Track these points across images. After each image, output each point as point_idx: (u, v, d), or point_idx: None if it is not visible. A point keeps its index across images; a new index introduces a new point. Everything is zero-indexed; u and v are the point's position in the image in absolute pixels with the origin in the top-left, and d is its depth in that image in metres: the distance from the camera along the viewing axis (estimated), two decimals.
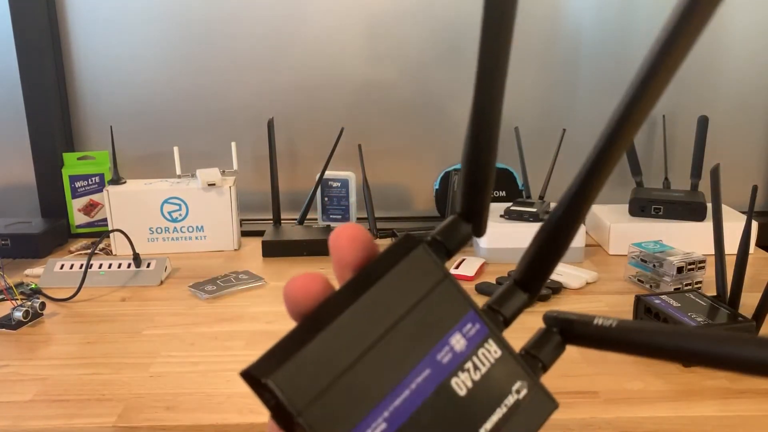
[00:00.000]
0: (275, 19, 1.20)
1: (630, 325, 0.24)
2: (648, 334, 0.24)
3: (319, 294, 0.23)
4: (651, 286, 0.91)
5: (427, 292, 0.23)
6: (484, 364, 0.23)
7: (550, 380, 0.25)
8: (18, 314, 0.80)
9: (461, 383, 0.23)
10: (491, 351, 0.24)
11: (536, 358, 0.25)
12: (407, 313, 0.23)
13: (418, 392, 0.22)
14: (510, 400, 0.23)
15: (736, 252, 0.74)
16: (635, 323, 0.24)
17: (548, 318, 0.27)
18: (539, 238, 0.25)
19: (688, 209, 1.08)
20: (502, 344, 0.24)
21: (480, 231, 0.26)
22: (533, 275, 0.26)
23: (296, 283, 0.23)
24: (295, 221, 1.19)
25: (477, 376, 0.23)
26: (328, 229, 1.14)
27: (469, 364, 0.23)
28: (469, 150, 0.24)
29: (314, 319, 0.23)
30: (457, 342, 0.23)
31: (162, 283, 0.97)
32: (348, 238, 0.24)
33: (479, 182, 0.25)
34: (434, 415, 0.22)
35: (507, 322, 0.26)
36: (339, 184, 1.19)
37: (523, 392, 0.24)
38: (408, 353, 0.22)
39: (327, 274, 0.22)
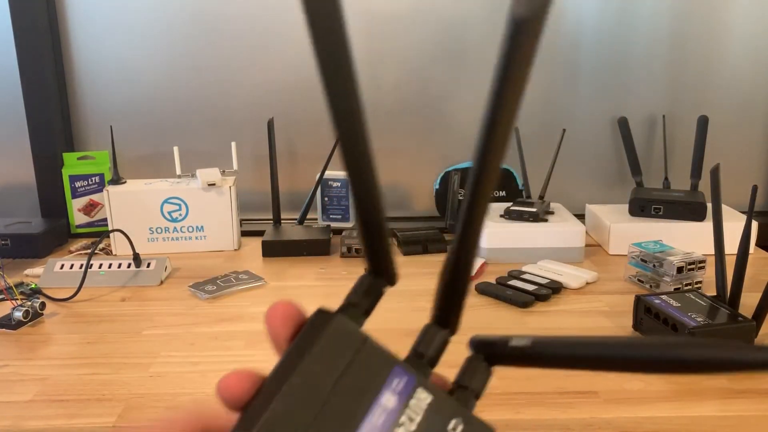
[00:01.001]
0: (275, 19, 1.20)
1: (544, 341, 0.25)
2: (562, 347, 0.25)
3: (250, 388, 0.24)
4: (651, 286, 0.91)
5: (351, 360, 0.25)
6: (417, 413, 0.24)
7: (551, 380, 0.25)
8: (18, 314, 0.80)
9: None
10: (422, 398, 0.25)
11: (467, 389, 0.26)
12: (335, 387, 0.24)
13: None
14: None
15: (736, 252, 0.74)
16: (550, 339, 0.25)
17: (473, 343, 0.28)
18: (444, 277, 0.26)
19: (688, 209, 1.08)
20: (431, 389, 0.25)
21: (392, 280, 0.28)
22: (448, 312, 0.27)
23: (229, 380, 0.24)
24: (295, 221, 1.19)
25: (413, 427, 0.24)
26: (328, 229, 1.14)
27: (403, 418, 0.24)
28: (356, 212, 0.26)
29: (251, 411, 0.24)
30: (388, 400, 0.24)
31: (162, 283, 0.97)
32: (281, 317, 0.26)
33: (373, 238, 0.26)
34: None
35: (433, 363, 0.27)
36: (339, 184, 1.19)
37: (460, 428, 0.25)
38: (344, 425, 0.23)
39: (326, 273, 0.22)
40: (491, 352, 0.27)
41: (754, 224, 1.06)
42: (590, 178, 1.29)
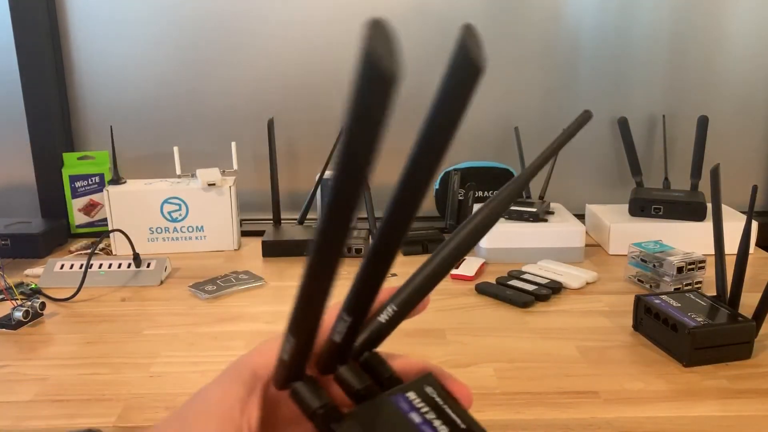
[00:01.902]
0: (275, 19, 1.20)
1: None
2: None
3: None
4: (651, 286, 0.91)
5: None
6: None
7: (552, 380, 0.25)
8: (18, 314, 0.80)
9: None
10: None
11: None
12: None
13: None
14: None
15: (736, 252, 0.74)
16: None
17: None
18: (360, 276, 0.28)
19: (688, 209, 1.08)
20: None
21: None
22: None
23: None
24: (295, 221, 1.20)
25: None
26: None
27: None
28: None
29: None
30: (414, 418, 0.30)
31: (162, 283, 0.97)
32: None
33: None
34: None
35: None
36: None
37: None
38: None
39: None
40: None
41: (754, 224, 1.06)
42: (590, 178, 1.29)
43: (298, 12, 1.20)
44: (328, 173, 1.18)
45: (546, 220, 1.07)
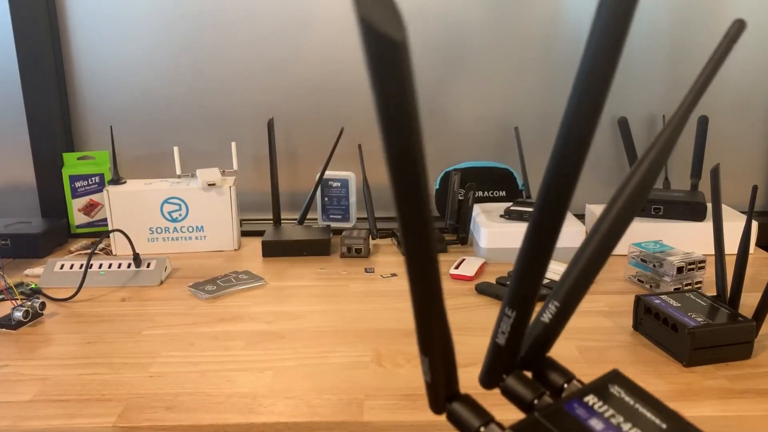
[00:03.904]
0: (275, 20, 1.20)
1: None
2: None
3: None
4: (651, 286, 0.91)
5: None
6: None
7: None
8: (18, 314, 0.80)
9: None
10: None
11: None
12: None
13: None
14: None
15: (736, 252, 0.74)
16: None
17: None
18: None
19: (688, 209, 1.08)
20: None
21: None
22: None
23: None
24: (295, 221, 1.20)
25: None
26: (328, 229, 1.14)
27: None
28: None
29: None
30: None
31: (162, 283, 0.97)
32: None
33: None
34: None
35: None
36: (339, 184, 1.19)
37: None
38: None
39: (326, 273, 0.22)
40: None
41: (754, 224, 1.06)
42: (590, 178, 1.29)
43: (299, 12, 1.20)
44: (328, 173, 1.18)
45: None
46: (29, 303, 0.83)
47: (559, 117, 1.06)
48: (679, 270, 0.88)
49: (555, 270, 0.96)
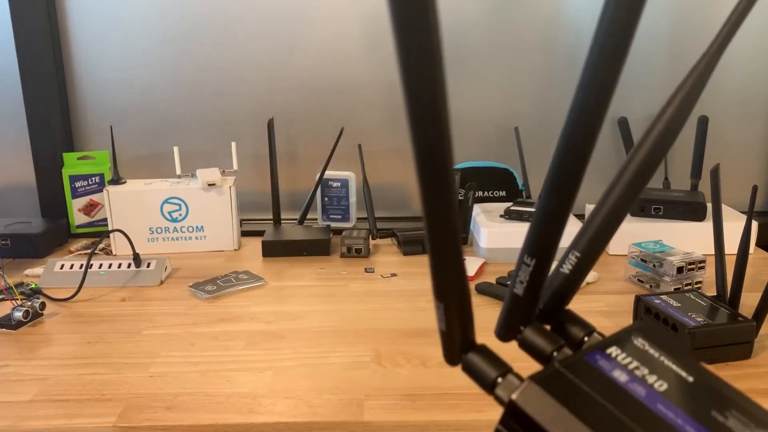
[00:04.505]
0: (276, 20, 1.20)
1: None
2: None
3: None
4: (651, 286, 0.91)
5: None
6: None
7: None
8: (18, 314, 0.80)
9: None
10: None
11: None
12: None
13: None
14: None
15: (736, 252, 0.74)
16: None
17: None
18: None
19: (688, 209, 1.08)
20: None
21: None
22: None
23: None
24: (295, 221, 1.20)
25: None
26: (328, 229, 1.14)
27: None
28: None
29: None
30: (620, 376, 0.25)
31: (162, 283, 0.97)
32: None
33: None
34: None
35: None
36: (339, 184, 1.19)
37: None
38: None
39: (326, 273, 0.22)
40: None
41: (754, 224, 1.06)
42: (590, 178, 1.28)
43: (299, 13, 1.20)
44: (328, 173, 1.18)
45: None
46: (29, 303, 0.83)
47: (559, 117, 1.08)
48: (679, 270, 0.88)
49: None
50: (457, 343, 0.26)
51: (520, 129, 1.21)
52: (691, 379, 0.24)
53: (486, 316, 0.84)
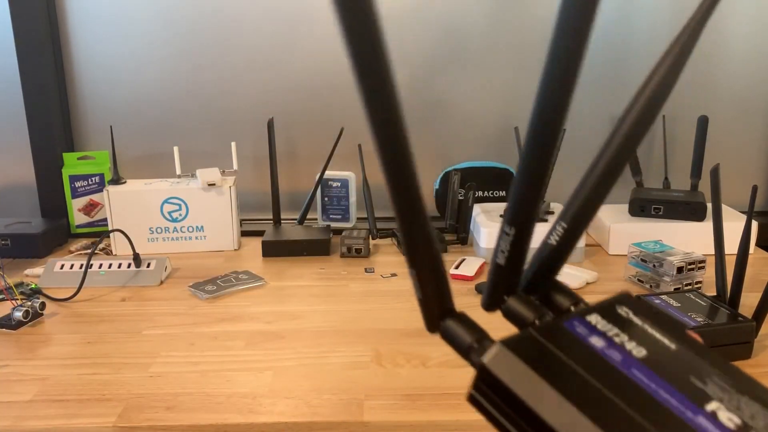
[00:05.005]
0: (276, 19, 1.20)
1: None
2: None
3: None
4: (651, 286, 0.91)
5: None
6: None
7: None
8: (18, 314, 0.80)
9: None
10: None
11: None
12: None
13: None
14: None
15: (736, 252, 0.73)
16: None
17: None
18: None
19: (688, 209, 1.08)
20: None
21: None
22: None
23: None
24: (295, 221, 1.20)
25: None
26: (328, 229, 1.14)
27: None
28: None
29: None
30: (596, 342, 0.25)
31: (162, 283, 0.97)
32: None
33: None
34: None
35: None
36: (339, 184, 1.19)
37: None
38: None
39: (326, 273, 0.22)
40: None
41: (754, 224, 1.06)
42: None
43: (299, 13, 1.20)
44: (328, 173, 1.18)
45: (546, 220, 1.07)
46: (29, 303, 0.83)
47: None
48: (679, 270, 0.88)
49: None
50: (435, 310, 0.27)
51: (520, 129, 1.21)
52: (673, 346, 0.23)
53: (486, 315, 0.84)
